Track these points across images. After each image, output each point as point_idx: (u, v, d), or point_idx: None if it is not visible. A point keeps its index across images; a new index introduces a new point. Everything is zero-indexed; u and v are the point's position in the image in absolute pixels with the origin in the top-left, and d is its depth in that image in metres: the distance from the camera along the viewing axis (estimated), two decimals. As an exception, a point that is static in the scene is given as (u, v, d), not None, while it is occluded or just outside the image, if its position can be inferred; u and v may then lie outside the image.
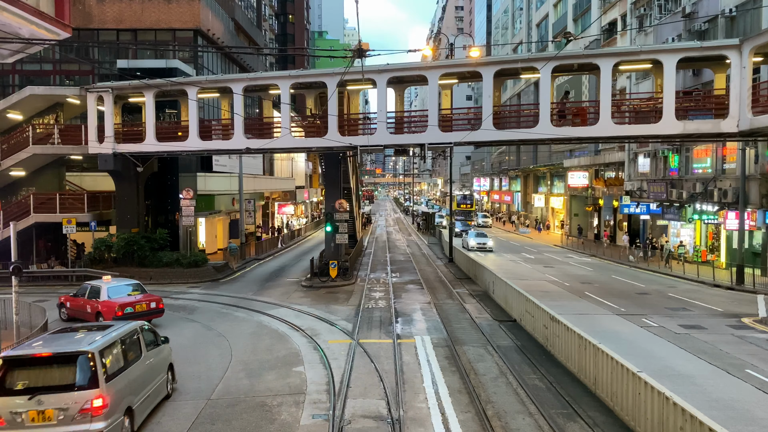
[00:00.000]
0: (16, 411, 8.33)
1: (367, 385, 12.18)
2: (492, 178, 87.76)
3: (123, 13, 34.73)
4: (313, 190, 71.07)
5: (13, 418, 8.31)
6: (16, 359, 8.84)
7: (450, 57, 44.09)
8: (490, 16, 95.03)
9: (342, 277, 26.66)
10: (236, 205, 37.87)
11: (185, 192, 28.21)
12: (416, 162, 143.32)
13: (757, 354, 14.64)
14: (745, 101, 20.48)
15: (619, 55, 22.34)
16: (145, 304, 17.38)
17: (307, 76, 25.61)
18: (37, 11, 9.45)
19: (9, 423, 8.32)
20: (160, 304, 17.81)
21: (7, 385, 8.54)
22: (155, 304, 17.65)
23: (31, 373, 8.74)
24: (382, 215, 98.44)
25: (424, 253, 40.75)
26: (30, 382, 8.62)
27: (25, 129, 28.32)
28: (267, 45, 64.33)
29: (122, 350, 9.81)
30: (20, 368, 8.73)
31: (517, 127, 23.79)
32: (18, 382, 8.60)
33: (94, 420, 8.48)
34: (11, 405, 8.36)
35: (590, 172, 48.58)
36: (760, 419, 10.44)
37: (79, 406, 8.46)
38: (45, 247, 30.76)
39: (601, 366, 11.17)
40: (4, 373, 8.60)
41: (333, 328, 17.62)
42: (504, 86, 64.01)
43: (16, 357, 8.89)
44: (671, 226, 36.42)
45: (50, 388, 8.54)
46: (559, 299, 21.99)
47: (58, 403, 8.42)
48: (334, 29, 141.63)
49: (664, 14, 35.49)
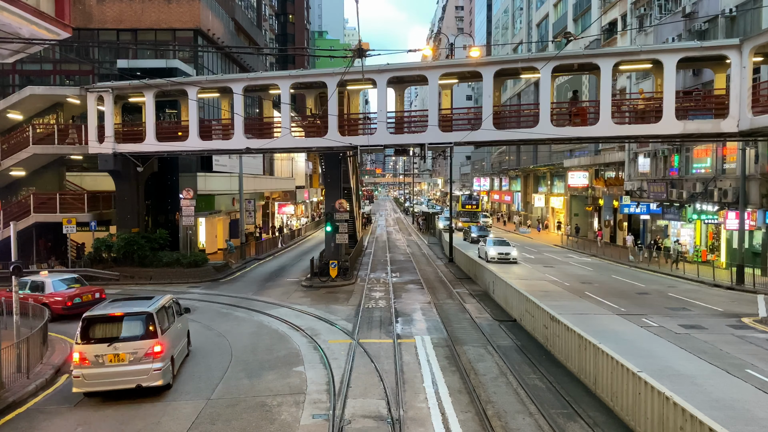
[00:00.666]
0: (98, 354, 11.22)
1: (367, 385, 12.18)
2: (492, 178, 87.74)
3: (123, 13, 34.73)
4: (313, 190, 71.07)
5: (96, 360, 11.22)
6: (96, 318, 11.60)
7: (450, 57, 44.16)
8: (490, 16, 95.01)
9: (342, 276, 26.66)
10: (236, 205, 37.88)
11: (185, 192, 28.22)
12: (416, 162, 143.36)
13: (757, 354, 14.64)
14: (745, 101, 20.47)
15: (619, 55, 22.34)
16: (90, 295, 19.34)
17: (307, 76, 25.60)
18: (37, 11, 9.45)
19: (93, 363, 11.20)
20: (102, 294, 19.72)
21: (90, 336, 11.36)
22: (98, 295, 19.62)
23: (108, 328, 11.53)
24: (382, 215, 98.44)
25: (424, 252, 40.75)
26: (107, 334, 11.44)
27: (25, 129, 28.33)
28: (267, 45, 64.32)
29: (165, 314, 12.57)
30: (100, 324, 11.53)
31: (517, 127, 23.78)
32: (99, 334, 11.41)
33: (155, 361, 11.42)
34: (95, 350, 11.23)
35: (590, 172, 48.57)
36: (760, 419, 10.43)
37: (144, 350, 11.37)
38: (45, 247, 30.76)
39: (601, 366, 11.17)
40: (88, 327, 11.39)
41: (333, 327, 17.62)
42: (504, 86, 63.89)
43: (96, 316, 11.65)
44: (671, 225, 36.41)
45: (123, 338, 11.39)
46: (559, 299, 21.99)
47: (129, 349, 11.33)
48: (334, 29, 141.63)
49: (664, 14, 35.49)
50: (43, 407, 11.28)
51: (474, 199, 64.16)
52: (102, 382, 11.23)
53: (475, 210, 61.98)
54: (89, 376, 11.16)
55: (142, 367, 11.30)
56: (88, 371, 11.14)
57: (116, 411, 10.99)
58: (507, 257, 32.97)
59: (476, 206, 62.49)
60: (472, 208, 62.07)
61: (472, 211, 61.56)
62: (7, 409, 11.06)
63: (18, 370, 12.62)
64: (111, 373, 11.22)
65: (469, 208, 61.94)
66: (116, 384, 11.29)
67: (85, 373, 11.13)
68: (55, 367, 13.35)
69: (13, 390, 11.82)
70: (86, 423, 10.44)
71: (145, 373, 11.32)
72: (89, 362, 11.16)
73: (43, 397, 11.88)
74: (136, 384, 11.32)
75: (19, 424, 10.51)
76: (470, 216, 59.92)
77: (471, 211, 61.39)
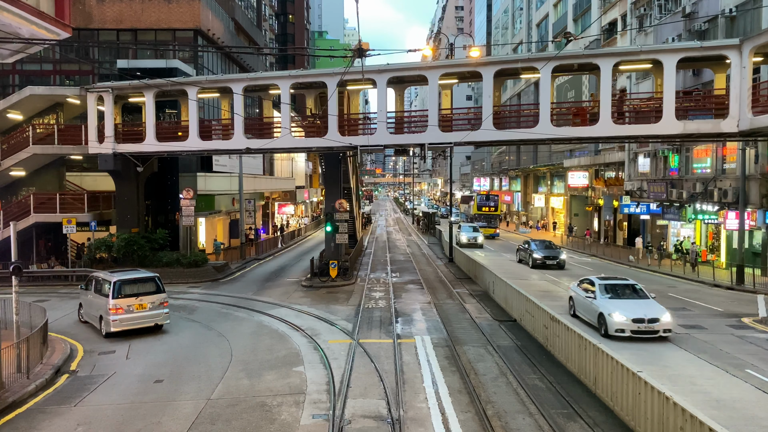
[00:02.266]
0: (129, 305, 16.31)
1: (367, 385, 12.18)
2: (492, 178, 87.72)
3: (123, 13, 34.73)
4: (313, 190, 71.07)
5: (128, 308, 16.27)
6: (125, 280, 16.57)
7: (450, 57, 44.18)
8: (490, 16, 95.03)
9: (342, 277, 26.66)
10: (236, 205, 37.88)
11: (185, 192, 28.22)
12: (416, 162, 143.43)
13: (757, 354, 14.64)
14: (745, 101, 20.48)
15: (619, 55, 22.34)
16: None
17: (307, 76, 25.60)
18: (37, 11, 9.45)
19: (125, 311, 16.25)
20: None
21: (122, 293, 16.27)
22: None
23: (133, 287, 16.61)
24: (382, 215, 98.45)
25: (424, 253, 40.74)
26: (133, 291, 16.51)
27: (25, 129, 28.33)
28: (267, 45, 64.32)
29: None
30: (128, 285, 16.55)
31: (517, 127, 23.79)
32: (128, 291, 16.44)
33: (164, 308, 17.06)
34: (126, 302, 16.27)
35: (590, 172, 48.59)
36: (760, 419, 10.43)
37: (159, 301, 16.89)
38: (45, 247, 30.77)
39: (601, 366, 11.17)
40: (120, 287, 16.32)
41: (333, 327, 17.62)
42: (504, 86, 63.81)
43: (125, 279, 16.63)
44: (671, 225, 36.42)
45: (145, 293, 16.66)
46: (559, 299, 21.98)
47: (149, 300, 16.70)
48: (334, 29, 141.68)
49: (664, 14, 35.49)
50: (43, 407, 11.28)
51: (492, 200, 54.60)
52: (132, 323, 16.37)
53: (494, 213, 53.87)
54: (123, 320, 16.22)
55: (158, 312, 16.85)
56: (121, 317, 16.20)
57: (116, 411, 10.99)
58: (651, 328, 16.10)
59: (495, 208, 53.99)
60: (490, 210, 53.71)
61: (490, 214, 53.39)
62: (7, 409, 11.06)
63: (18, 370, 12.62)
64: (138, 317, 16.48)
65: (487, 211, 53.64)
66: (141, 324, 16.53)
67: (120, 318, 16.17)
68: (55, 367, 13.35)
69: (13, 390, 11.82)
70: (86, 423, 10.45)
71: (159, 316, 16.91)
72: (123, 310, 16.20)
73: (43, 397, 11.87)
74: (154, 323, 16.82)
75: (19, 424, 10.50)
76: (488, 220, 52.60)
77: (489, 215, 53.25)
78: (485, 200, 54.57)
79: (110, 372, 13.37)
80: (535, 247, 31.77)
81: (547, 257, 30.46)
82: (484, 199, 54.80)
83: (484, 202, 54.15)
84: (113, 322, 15.93)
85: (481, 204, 54.05)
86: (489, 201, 54.29)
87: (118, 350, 15.24)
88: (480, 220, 51.93)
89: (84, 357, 14.74)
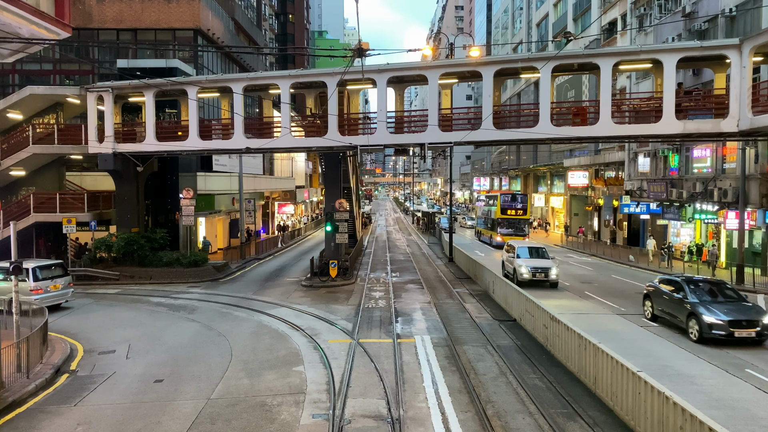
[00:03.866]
0: (45, 287, 19.57)
1: (367, 385, 12.18)
2: (492, 177, 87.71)
3: (123, 12, 34.72)
4: (313, 190, 71.06)
5: (45, 288, 19.53)
6: (38, 266, 19.58)
7: (450, 57, 44.07)
8: (490, 15, 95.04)
9: (342, 276, 26.66)
10: (236, 204, 37.88)
11: (185, 192, 28.22)
12: (416, 162, 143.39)
13: (757, 354, 14.63)
14: (745, 101, 20.47)
15: (619, 55, 22.33)
16: None
17: (307, 76, 25.59)
18: (37, 11, 9.44)
19: (44, 291, 19.37)
20: None
21: (41, 276, 19.42)
22: None
23: (47, 272, 19.87)
24: (382, 215, 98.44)
25: (424, 252, 40.74)
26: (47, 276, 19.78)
27: (25, 129, 28.31)
28: (267, 45, 64.30)
29: None
30: (42, 270, 19.61)
31: (517, 127, 23.78)
32: (42, 277, 19.48)
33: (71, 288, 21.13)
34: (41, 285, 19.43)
35: (590, 171, 48.60)
36: (760, 419, 10.44)
37: (67, 282, 20.79)
38: (45, 247, 30.76)
39: (601, 365, 11.17)
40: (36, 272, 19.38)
41: (333, 327, 17.62)
42: (504, 86, 63.78)
43: (38, 266, 19.60)
44: (671, 225, 36.42)
45: (53, 277, 20.07)
46: (559, 299, 22.00)
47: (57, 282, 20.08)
48: (334, 29, 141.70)
49: (664, 14, 35.49)
50: (43, 407, 11.28)
51: (520, 201, 43.95)
52: (48, 301, 19.19)
53: (522, 217, 43.27)
54: (44, 299, 18.85)
55: (62, 292, 20.35)
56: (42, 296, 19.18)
57: (116, 411, 10.99)
58: None
59: (523, 211, 43.42)
60: (516, 213, 43.01)
61: (517, 218, 42.92)
62: (7, 409, 11.06)
63: (18, 370, 12.62)
64: (53, 296, 19.87)
65: (513, 214, 42.88)
66: (54, 302, 19.79)
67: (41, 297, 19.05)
68: (55, 367, 13.35)
69: (13, 390, 11.82)
70: (86, 423, 10.45)
71: (65, 296, 20.65)
72: (42, 291, 19.36)
73: (43, 397, 11.87)
74: (60, 302, 20.49)
75: (19, 424, 10.50)
76: (514, 227, 42.58)
77: (516, 219, 42.89)
78: (511, 201, 43.78)
79: (110, 372, 13.38)
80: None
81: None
82: (509, 200, 43.82)
83: (510, 204, 43.41)
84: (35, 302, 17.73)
85: (506, 206, 43.19)
86: (516, 202, 43.65)
87: (118, 350, 15.24)
88: (503, 226, 42.58)
89: (84, 357, 14.74)
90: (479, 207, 53.81)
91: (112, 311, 20.55)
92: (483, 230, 48.69)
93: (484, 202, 51.10)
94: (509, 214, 42.95)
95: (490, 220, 45.45)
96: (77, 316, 19.70)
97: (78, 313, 20.20)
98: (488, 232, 46.11)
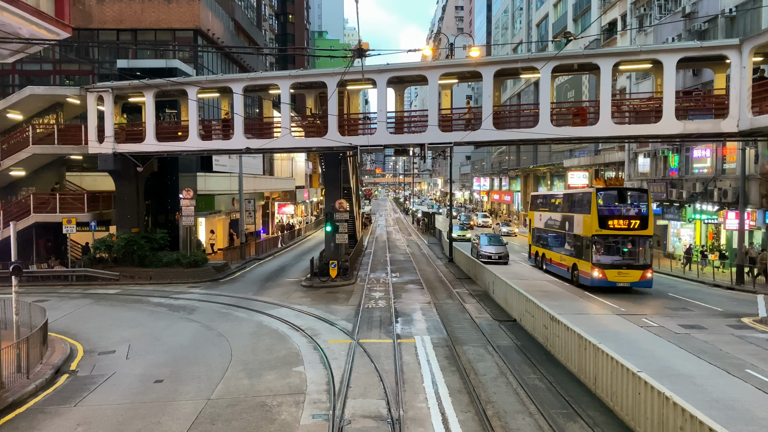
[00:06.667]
0: None
1: (367, 385, 12.17)
2: (492, 178, 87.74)
3: (123, 13, 34.72)
4: (313, 190, 71.06)
5: None
6: None
7: (450, 57, 44.07)
8: (490, 16, 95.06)
9: (342, 277, 26.65)
10: (236, 205, 37.88)
11: (185, 192, 28.22)
12: (416, 162, 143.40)
13: (757, 354, 14.64)
14: (745, 101, 20.47)
15: (619, 55, 22.33)
16: None
17: (307, 76, 25.60)
18: (37, 11, 9.45)
19: None
20: None
21: None
22: None
23: None
24: (382, 215, 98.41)
25: (424, 253, 40.74)
26: None
27: (25, 129, 28.31)
28: (267, 45, 64.30)
29: None
30: None
31: (516, 127, 23.78)
32: None
33: None
34: None
35: (590, 171, 48.60)
36: (760, 419, 10.43)
37: None
38: (45, 247, 30.76)
39: (601, 366, 11.17)
40: None
41: (333, 327, 17.62)
42: (504, 86, 63.75)
43: None
44: (671, 225, 36.41)
45: None
46: (559, 299, 21.99)
47: None
48: (334, 29, 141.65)
49: (664, 14, 35.49)
50: (43, 407, 11.28)
51: (636, 200, 23.96)
52: None
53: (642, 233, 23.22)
54: None
55: None
56: None
57: (116, 411, 11.00)
58: None
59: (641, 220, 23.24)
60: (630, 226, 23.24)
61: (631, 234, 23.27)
62: (7, 409, 11.06)
63: (18, 370, 12.62)
64: None
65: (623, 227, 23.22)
66: None
67: None
68: (55, 367, 13.36)
69: (13, 390, 11.82)
70: (86, 423, 10.45)
71: None
72: None
73: (43, 397, 11.88)
74: None
75: (19, 424, 10.51)
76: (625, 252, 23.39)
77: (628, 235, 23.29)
78: (616, 200, 24.05)
79: (110, 372, 13.37)
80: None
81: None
82: (613, 198, 24.10)
83: (615, 208, 23.68)
84: None
85: (612, 211, 23.53)
86: (629, 203, 23.90)
87: (118, 350, 15.24)
88: (605, 251, 23.42)
89: (84, 357, 14.74)
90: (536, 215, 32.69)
91: (112, 311, 20.54)
92: (547, 252, 30.00)
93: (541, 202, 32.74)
94: (617, 226, 23.29)
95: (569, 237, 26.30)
96: (77, 316, 19.70)
97: (78, 313, 20.20)
98: (563, 258, 27.18)
